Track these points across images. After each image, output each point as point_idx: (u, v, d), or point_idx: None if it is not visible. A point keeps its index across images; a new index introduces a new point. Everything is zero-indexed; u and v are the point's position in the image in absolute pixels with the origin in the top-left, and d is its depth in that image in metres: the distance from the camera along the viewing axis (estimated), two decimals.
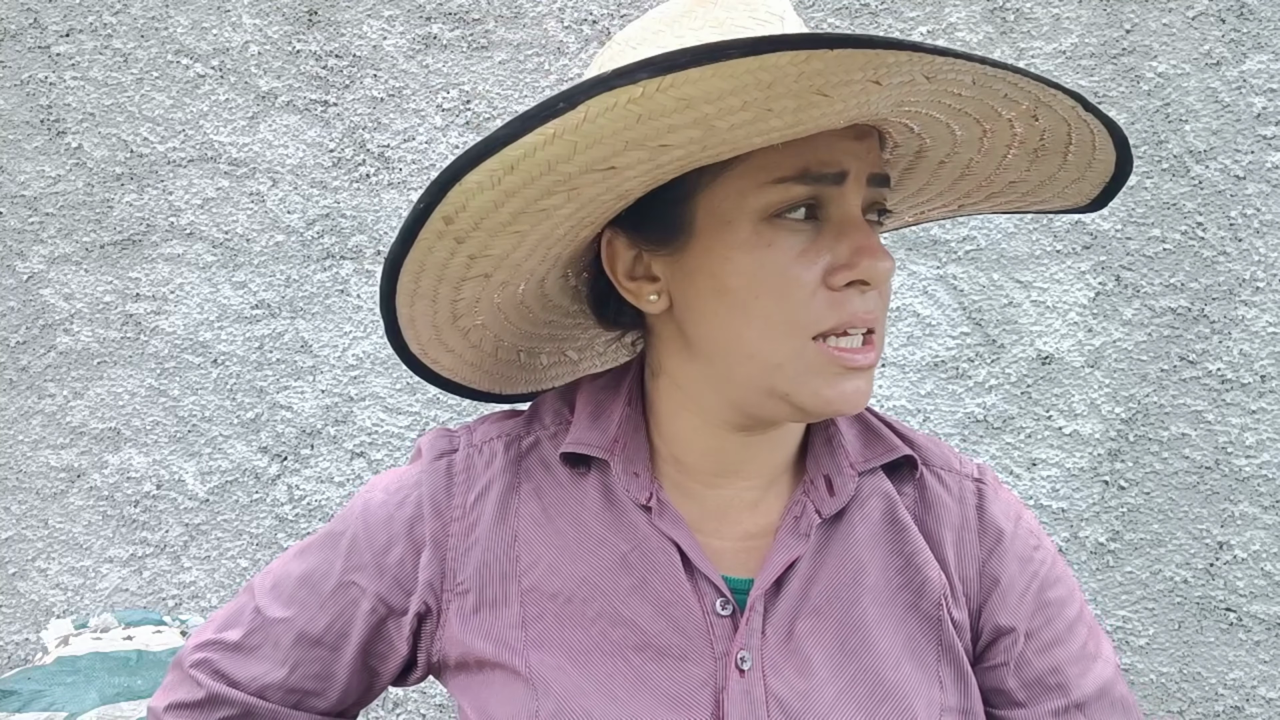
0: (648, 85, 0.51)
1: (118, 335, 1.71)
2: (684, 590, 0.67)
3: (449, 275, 0.67)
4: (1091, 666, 0.71)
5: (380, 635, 0.73)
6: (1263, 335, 1.51)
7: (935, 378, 1.58)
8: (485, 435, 0.75)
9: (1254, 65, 1.49)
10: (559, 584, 0.69)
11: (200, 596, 1.72)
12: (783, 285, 0.62)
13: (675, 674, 0.65)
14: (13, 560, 1.75)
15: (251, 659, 0.74)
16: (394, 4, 1.63)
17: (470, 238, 0.63)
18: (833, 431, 0.73)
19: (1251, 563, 1.53)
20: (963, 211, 0.81)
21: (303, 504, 1.70)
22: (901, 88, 0.55)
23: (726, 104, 0.53)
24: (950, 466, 0.76)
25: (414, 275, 0.66)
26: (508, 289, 0.71)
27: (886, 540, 0.71)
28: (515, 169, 0.57)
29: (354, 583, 0.72)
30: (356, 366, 1.67)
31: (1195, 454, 1.53)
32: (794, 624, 0.67)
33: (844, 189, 0.62)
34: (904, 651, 0.68)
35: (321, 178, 1.66)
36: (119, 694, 1.21)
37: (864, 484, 0.72)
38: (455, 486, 0.72)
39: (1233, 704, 1.54)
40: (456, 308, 0.71)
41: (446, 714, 1.69)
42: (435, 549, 0.71)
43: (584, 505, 0.71)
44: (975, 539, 0.73)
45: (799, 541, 0.68)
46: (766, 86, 0.51)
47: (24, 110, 1.70)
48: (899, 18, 1.54)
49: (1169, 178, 1.51)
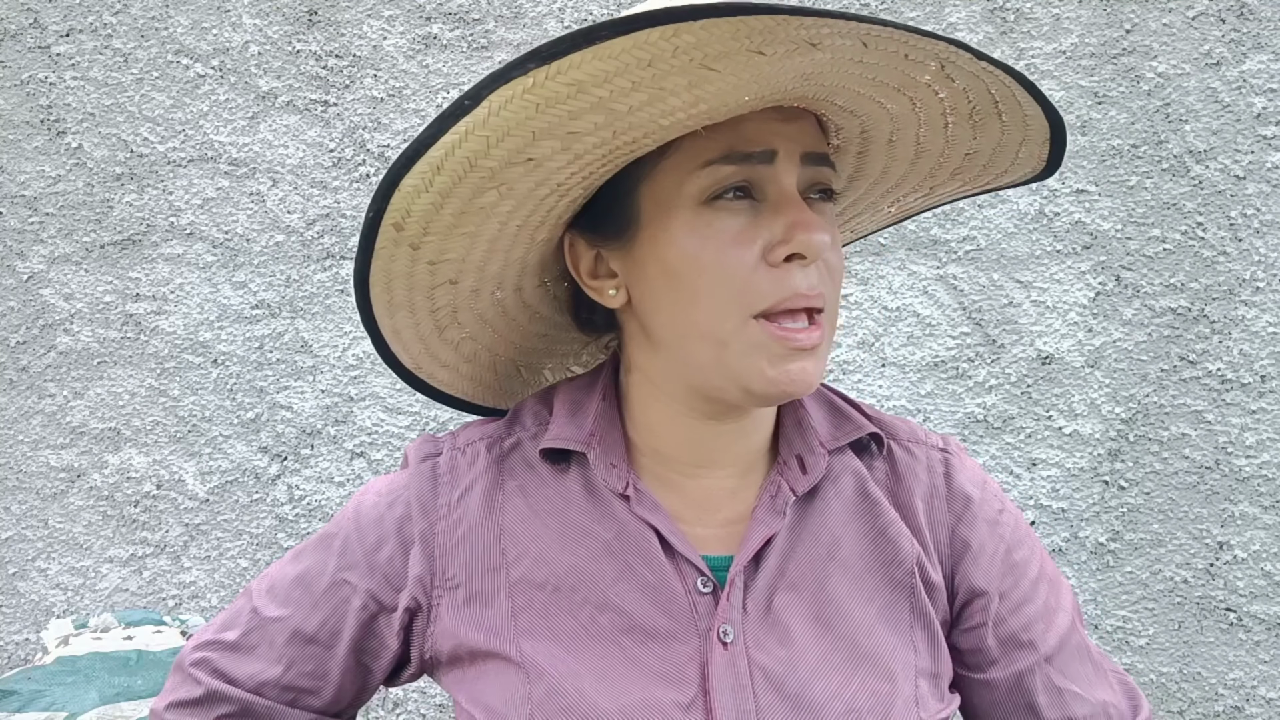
0: (537, 74, 0.52)
1: (118, 335, 1.71)
2: (665, 572, 0.69)
3: (417, 283, 0.69)
4: (1054, 620, 0.75)
5: (371, 632, 0.74)
6: (1263, 335, 1.51)
7: (935, 378, 1.58)
8: (468, 438, 0.77)
9: (1254, 65, 1.49)
10: (546, 574, 0.70)
11: (200, 596, 1.72)
12: (722, 265, 0.63)
13: (663, 653, 0.67)
14: (13, 560, 1.75)
15: (249, 657, 0.75)
16: (394, 4, 1.63)
17: (424, 243, 0.65)
18: (801, 414, 0.75)
19: (1251, 563, 1.53)
20: (937, 197, 0.81)
21: (303, 504, 1.70)
22: (793, 57, 0.56)
23: (617, 86, 0.54)
24: (917, 439, 0.78)
25: (384, 286, 0.68)
26: (481, 297, 0.74)
27: (859, 514, 0.74)
28: (441, 169, 0.59)
29: (346, 581, 0.74)
30: (356, 366, 1.67)
31: (1195, 454, 1.53)
32: (772, 597, 0.69)
33: (775, 168, 0.64)
34: (878, 619, 0.71)
35: (321, 178, 1.66)
36: (119, 694, 1.21)
37: (834, 462, 0.74)
38: (440, 486, 0.74)
39: (1233, 704, 1.54)
40: (438, 318, 0.74)
41: (446, 714, 1.69)
42: (423, 546, 0.73)
43: (566, 498, 0.73)
44: (945, 505, 0.75)
45: (775, 518, 0.71)
46: (647, 65, 0.53)
47: (24, 110, 1.70)
48: (899, 18, 1.54)
49: (1169, 178, 1.51)
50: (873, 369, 1.59)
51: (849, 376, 1.59)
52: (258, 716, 0.75)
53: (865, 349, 1.59)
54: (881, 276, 1.58)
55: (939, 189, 0.80)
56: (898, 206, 0.83)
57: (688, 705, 0.65)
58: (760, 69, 0.56)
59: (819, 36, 0.54)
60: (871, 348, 1.59)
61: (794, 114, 0.66)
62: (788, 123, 0.65)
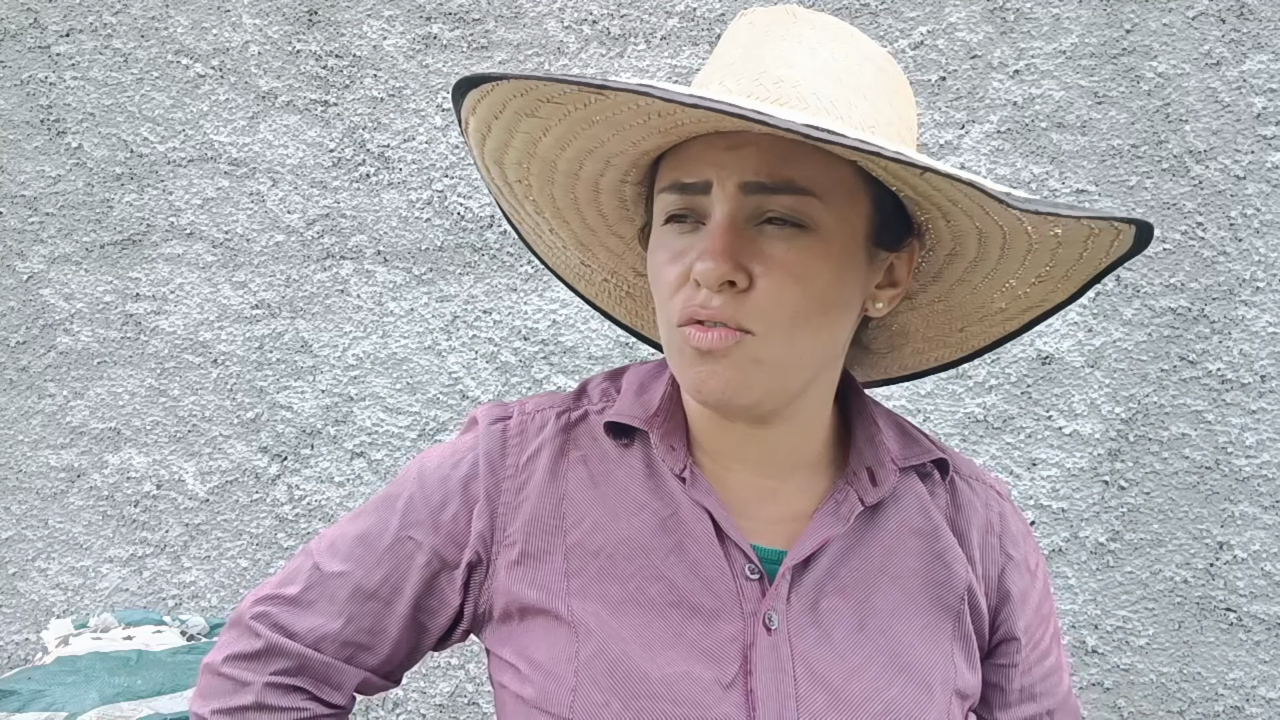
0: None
1: (118, 335, 1.71)
2: (715, 553, 0.71)
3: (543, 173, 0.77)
4: (1062, 677, 0.81)
5: (433, 589, 0.76)
6: (1263, 335, 1.51)
7: (935, 378, 1.58)
8: (538, 405, 0.79)
9: (1254, 65, 1.49)
10: (601, 541, 0.72)
11: (200, 596, 1.72)
12: (660, 278, 0.69)
13: (707, 629, 0.69)
14: (13, 560, 1.75)
15: (309, 612, 0.76)
16: (394, 4, 1.63)
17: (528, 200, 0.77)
18: (874, 430, 0.77)
19: (1251, 563, 1.53)
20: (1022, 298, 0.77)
21: (303, 504, 1.70)
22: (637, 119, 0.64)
23: (496, 136, 0.70)
24: (977, 476, 0.81)
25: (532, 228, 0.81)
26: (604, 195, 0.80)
27: (919, 535, 0.75)
28: (499, 162, 0.73)
29: (410, 538, 0.76)
30: (356, 366, 1.67)
31: (1195, 454, 1.53)
32: (818, 599, 0.71)
33: (711, 198, 0.66)
34: (919, 635, 0.72)
35: (321, 178, 1.66)
36: (119, 694, 1.21)
37: (900, 483, 0.76)
38: (509, 447, 0.76)
39: (1233, 704, 1.54)
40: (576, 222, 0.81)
41: (446, 714, 1.69)
42: (488, 502, 0.74)
43: (628, 472, 0.74)
44: (999, 545, 0.78)
45: (838, 523, 0.72)
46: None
47: (24, 110, 1.70)
48: (899, 18, 1.54)
49: (1169, 178, 1.51)
50: None
51: None
52: (314, 672, 0.76)
53: None
54: None
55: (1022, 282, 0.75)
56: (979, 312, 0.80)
57: (729, 684, 0.67)
58: (652, 125, 0.64)
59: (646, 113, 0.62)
60: None
61: (743, 141, 0.65)
62: (731, 150, 0.65)
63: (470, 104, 0.66)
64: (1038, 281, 0.73)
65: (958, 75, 1.54)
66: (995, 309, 0.78)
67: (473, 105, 0.66)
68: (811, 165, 0.65)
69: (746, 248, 0.65)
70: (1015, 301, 0.76)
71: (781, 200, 0.65)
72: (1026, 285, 0.74)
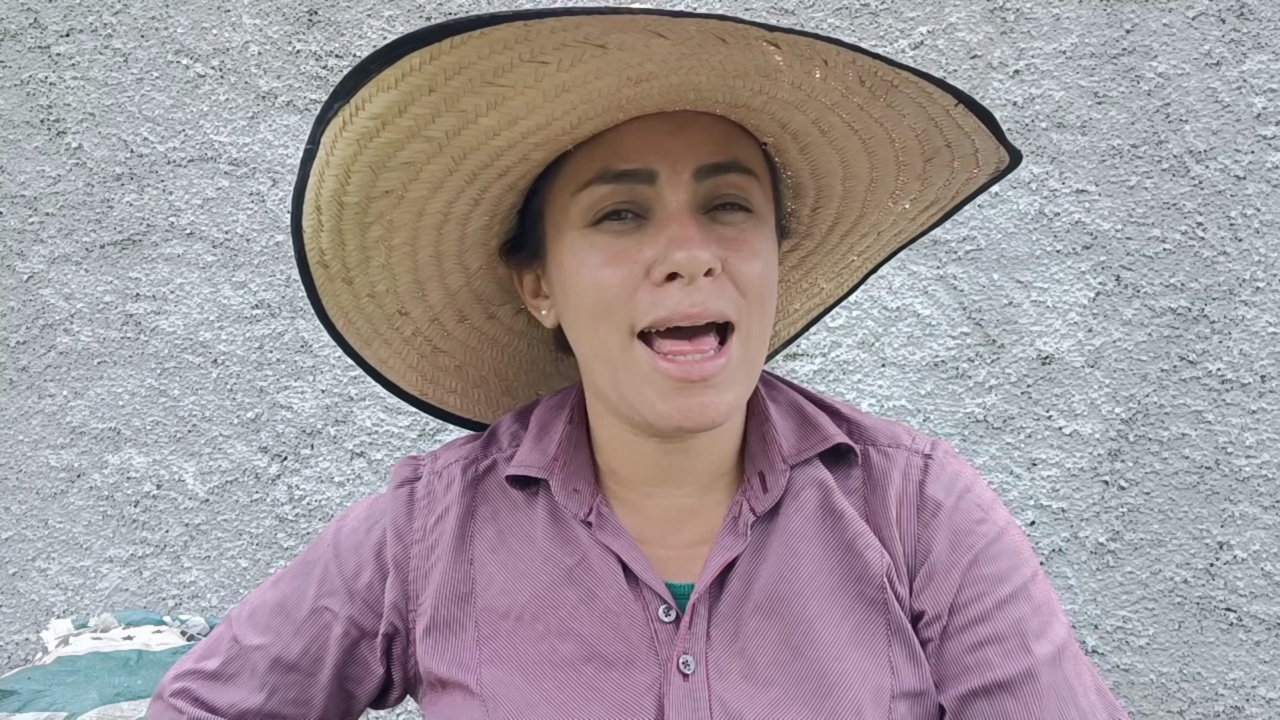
0: (344, 113, 0.54)
1: (118, 335, 1.71)
2: (627, 599, 0.68)
3: (372, 316, 0.72)
4: (1025, 646, 0.65)
5: (354, 658, 0.74)
6: (1263, 335, 1.51)
7: (935, 378, 1.58)
8: (446, 460, 0.76)
9: (1254, 65, 1.49)
10: (509, 603, 0.70)
11: (200, 596, 1.72)
12: (598, 285, 0.62)
13: (622, 681, 0.66)
14: (13, 560, 1.75)
15: (230, 686, 0.75)
16: (394, 4, 1.63)
17: (353, 278, 0.67)
18: (766, 428, 0.72)
19: (1251, 563, 1.53)
20: (901, 214, 0.77)
21: (303, 504, 1.70)
22: (586, 62, 0.53)
23: (416, 114, 0.54)
24: (899, 443, 0.73)
25: (345, 321, 0.72)
26: (445, 326, 0.75)
27: (823, 529, 0.70)
28: (321, 209, 0.61)
29: (326, 608, 0.74)
30: (356, 367, 1.67)
31: (1195, 454, 1.53)
32: (739, 625, 0.67)
33: (658, 188, 0.61)
34: (850, 641, 0.67)
35: None
36: (119, 694, 1.21)
37: (797, 476, 0.71)
38: (416, 512, 0.74)
39: (1233, 704, 1.54)
40: (417, 347, 0.76)
41: None
42: (398, 571, 0.73)
43: (534, 524, 0.72)
44: (913, 513, 0.70)
45: (737, 541, 0.68)
46: (429, 91, 0.53)
47: (24, 110, 1.70)
48: (899, 18, 1.54)
49: (1169, 178, 1.51)
50: (873, 369, 1.59)
51: (849, 376, 1.59)
52: None
53: (865, 349, 1.59)
54: (881, 276, 1.57)
55: (899, 198, 0.75)
56: (873, 225, 0.79)
57: None
58: (554, 80, 0.53)
59: (603, 36, 0.51)
60: (871, 348, 1.59)
61: (685, 124, 0.61)
62: (675, 135, 0.61)
63: (391, 77, 0.52)
64: (920, 192, 0.73)
65: (958, 75, 1.54)
66: (888, 222, 0.76)
67: (395, 78, 0.52)
68: (746, 144, 0.64)
69: (709, 235, 0.62)
70: (901, 217, 0.75)
71: (732, 180, 0.63)
72: (907, 200, 0.73)
